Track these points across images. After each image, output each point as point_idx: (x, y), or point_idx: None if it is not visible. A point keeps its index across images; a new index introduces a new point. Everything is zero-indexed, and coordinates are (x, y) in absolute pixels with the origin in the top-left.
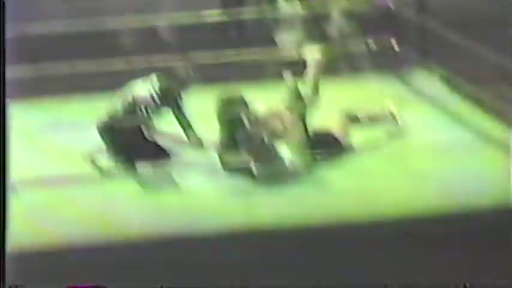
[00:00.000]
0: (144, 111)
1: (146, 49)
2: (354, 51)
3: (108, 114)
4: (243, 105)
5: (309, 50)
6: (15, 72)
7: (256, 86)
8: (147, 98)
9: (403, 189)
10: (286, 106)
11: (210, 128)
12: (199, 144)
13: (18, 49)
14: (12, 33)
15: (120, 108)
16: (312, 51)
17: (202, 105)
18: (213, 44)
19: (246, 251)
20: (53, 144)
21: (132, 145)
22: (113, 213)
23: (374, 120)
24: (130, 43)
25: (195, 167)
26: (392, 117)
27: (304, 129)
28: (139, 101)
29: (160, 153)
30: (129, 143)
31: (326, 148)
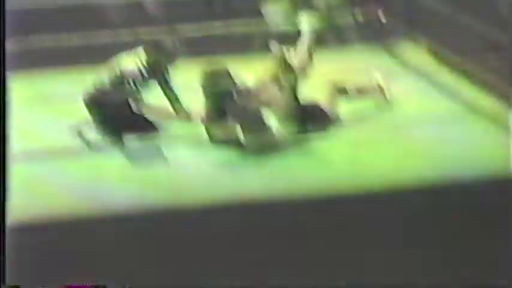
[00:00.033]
0: (131, 84)
1: (133, 22)
2: (341, 22)
3: (95, 87)
4: (228, 77)
5: (303, 19)
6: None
7: (243, 58)
8: (135, 71)
9: (392, 160)
10: (274, 77)
11: (197, 100)
12: (187, 116)
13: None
14: None
15: (107, 81)
16: (306, 21)
17: (189, 78)
18: (200, 16)
19: (235, 222)
20: (38, 117)
21: (119, 118)
22: (101, 187)
23: (362, 92)
24: (117, 16)
25: (182, 140)
26: (380, 89)
27: (294, 100)
28: (126, 74)
29: (148, 126)
30: (117, 116)
31: (314, 120)
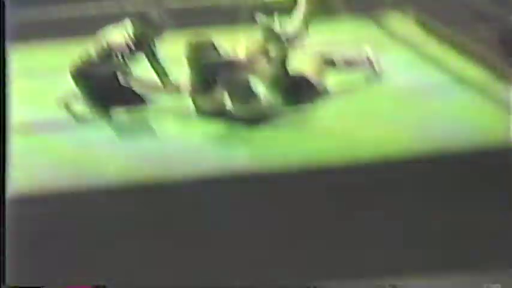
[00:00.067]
0: (119, 57)
1: None
2: None
3: (82, 59)
4: (213, 48)
5: None
6: None
7: (231, 29)
8: (122, 43)
9: (381, 131)
10: (262, 49)
11: (185, 73)
12: (174, 89)
13: None
14: None
15: (94, 53)
16: None
17: (177, 50)
18: None
19: (224, 194)
20: (26, 90)
21: (107, 91)
22: (89, 159)
23: (350, 64)
24: None
25: (170, 112)
26: (370, 62)
27: (282, 71)
28: (113, 47)
29: (136, 98)
30: (104, 88)
31: (301, 91)
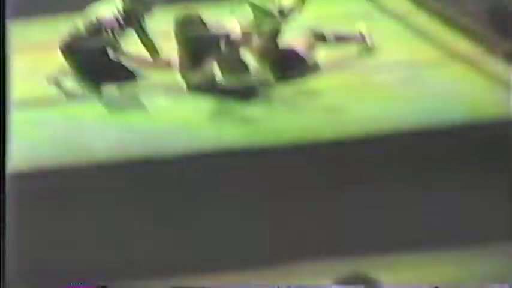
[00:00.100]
0: (108, 32)
1: None
2: None
3: (71, 35)
4: (200, 23)
5: None
6: None
7: (221, 3)
8: (111, 19)
9: (372, 106)
10: (252, 23)
11: (174, 48)
12: (164, 64)
13: None
14: None
15: (83, 29)
16: None
17: (166, 25)
18: None
19: (215, 170)
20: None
21: (97, 66)
22: (79, 136)
23: (341, 39)
24: None
25: (161, 88)
26: (362, 37)
27: (272, 45)
28: (103, 22)
29: (126, 74)
30: (94, 64)
31: (290, 65)
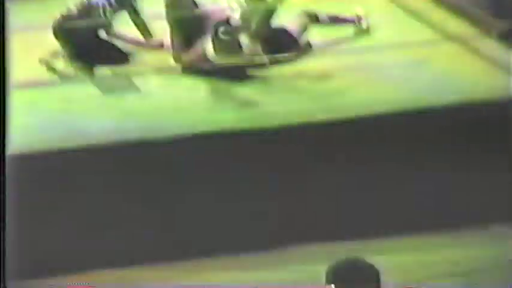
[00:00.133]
0: (100, 13)
1: None
2: None
3: (63, 16)
4: (192, 3)
5: None
6: None
7: None
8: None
9: (367, 87)
10: (246, 3)
11: (167, 29)
12: (157, 45)
13: None
14: None
15: (76, 10)
16: None
17: (159, 6)
18: None
19: (208, 151)
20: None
21: (89, 48)
22: (72, 118)
23: (335, 21)
24: None
25: (154, 69)
26: (358, 19)
27: (265, 24)
28: (95, 3)
29: (119, 55)
30: (87, 45)
31: (283, 45)
